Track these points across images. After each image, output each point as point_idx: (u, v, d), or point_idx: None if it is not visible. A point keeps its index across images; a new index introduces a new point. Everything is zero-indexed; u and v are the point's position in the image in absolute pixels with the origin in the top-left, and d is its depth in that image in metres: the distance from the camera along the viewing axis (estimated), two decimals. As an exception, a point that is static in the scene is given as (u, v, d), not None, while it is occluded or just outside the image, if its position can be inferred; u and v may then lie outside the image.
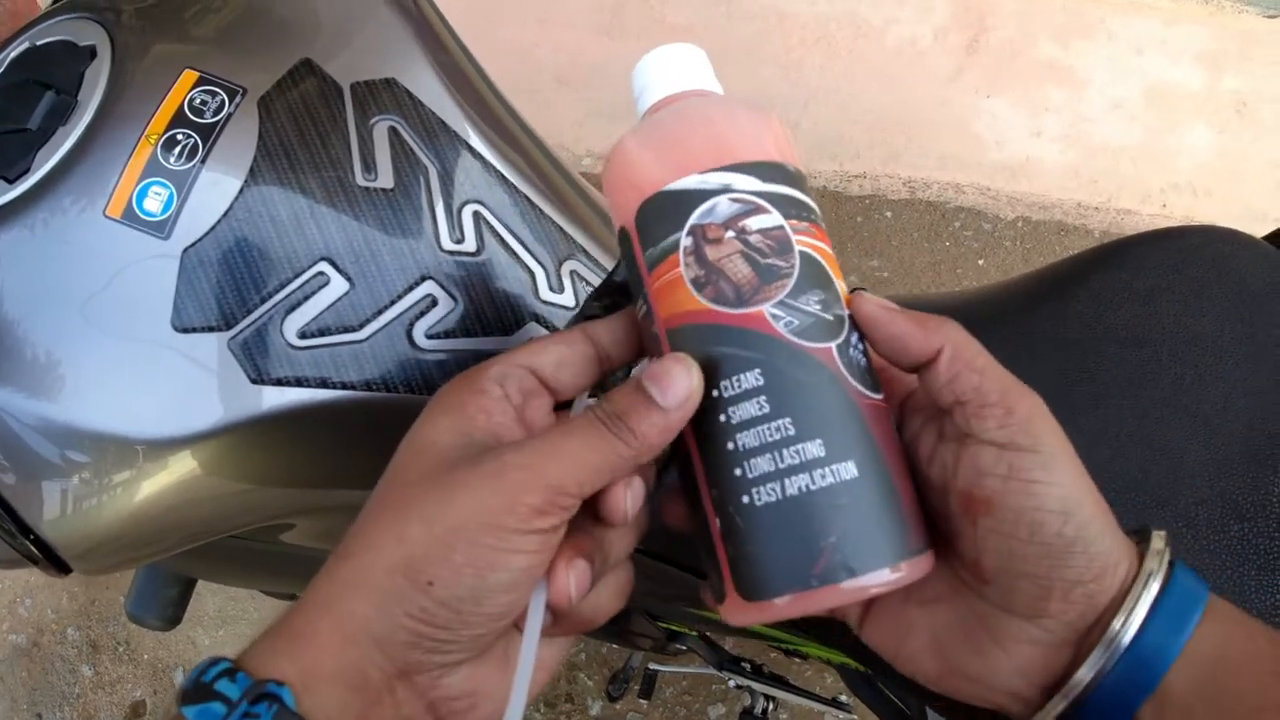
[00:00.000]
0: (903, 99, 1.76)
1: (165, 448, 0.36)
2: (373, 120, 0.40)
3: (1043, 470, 0.27)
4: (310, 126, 0.39)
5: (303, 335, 0.38)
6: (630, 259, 0.31)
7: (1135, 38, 1.76)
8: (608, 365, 0.32)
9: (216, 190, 0.37)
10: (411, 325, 0.39)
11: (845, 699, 1.11)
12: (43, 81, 0.38)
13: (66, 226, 0.36)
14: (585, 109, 1.75)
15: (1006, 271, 1.68)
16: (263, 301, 0.37)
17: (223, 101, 0.38)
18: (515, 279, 0.41)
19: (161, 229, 0.36)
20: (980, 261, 1.69)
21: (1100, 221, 1.74)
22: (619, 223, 0.32)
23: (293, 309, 0.38)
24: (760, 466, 0.28)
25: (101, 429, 0.36)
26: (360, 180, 0.39)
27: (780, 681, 1.06)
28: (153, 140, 0.37)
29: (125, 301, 0.36)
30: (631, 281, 0.31)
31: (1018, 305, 0.57)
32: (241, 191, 0.37)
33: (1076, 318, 0.54)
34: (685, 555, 0.53)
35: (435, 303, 0.40)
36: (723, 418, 0.28)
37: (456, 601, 0.26)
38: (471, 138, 0.42)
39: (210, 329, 0.37)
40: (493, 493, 0.26)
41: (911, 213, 1.72)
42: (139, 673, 1.38)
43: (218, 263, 0.37)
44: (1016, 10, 1.76)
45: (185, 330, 0.36)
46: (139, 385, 0.36)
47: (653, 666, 1.25)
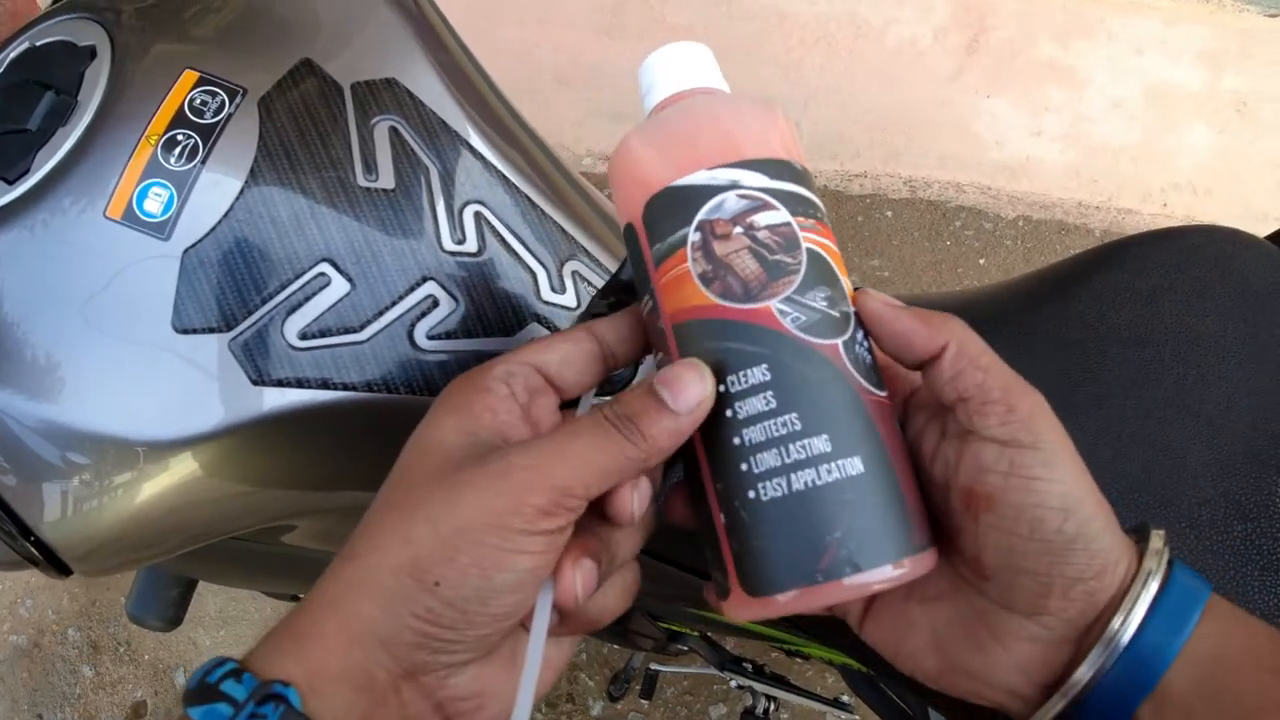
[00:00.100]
0: (903, 99, 1.76)
1: (166, 449, 0.36)
2: (373, 120, 0.40)
3: (1044, 467, 0.27)
4: (311, 127, 0.39)
5: (304, 336, 0.38)
6: (637, 255, 0.31)
7: (1135, 37, 1.76)
8: (613, 362, 0.32)
9: (217, 191, 0.37)
10: (413, 326, 0.39)
11: (847, 699, 1.11)
12: (42, 82, 0.38)
13: (66, 227, 0.36)
14: (585, 109, 1.75)
15: (1007, 271, 1.68)
16: (263, 302, 0.37)
17: (223, 102, 0.38)
18: (517, 279, 0.41)
19: (162, 230, 0.36)
20: (981, 261, 1.69)
21: (1101, 221, 1.74)
22: (625, 219, 0.32)
23: (293, 310, 0.38)
24: (766, 461, 0.27)
25: (102, 430, 0.36)
26: (361, 181, 0.39)
27: (782, 682, 1.06)
28: (153, 141, 0.37)
29: (125, 303, 0.36)
30: (637, 277, 0.31)
31: (1019, 305, 0.57)
32: (242, 192, 0.37)
33: (1078, 318, 0.54)
34: (686, 555, 0.53)
35: (436, 303, 0.39)
36: (729, 412, 0.28)
37: (463, 602, 0.26)
38: (472, 138, 0.41)
39: (211, 330, 0.37)
40: (498, 493, 0.26)
41: (912, 212, 1.72)
42: (140, 673, 1.38)
43: (218, 264, 0.37)
44: (1016, 10, 1.76)
45: (186, 331, 0.36)
46: (139, 386, 0.36)
47: (654, 667, 1.25)
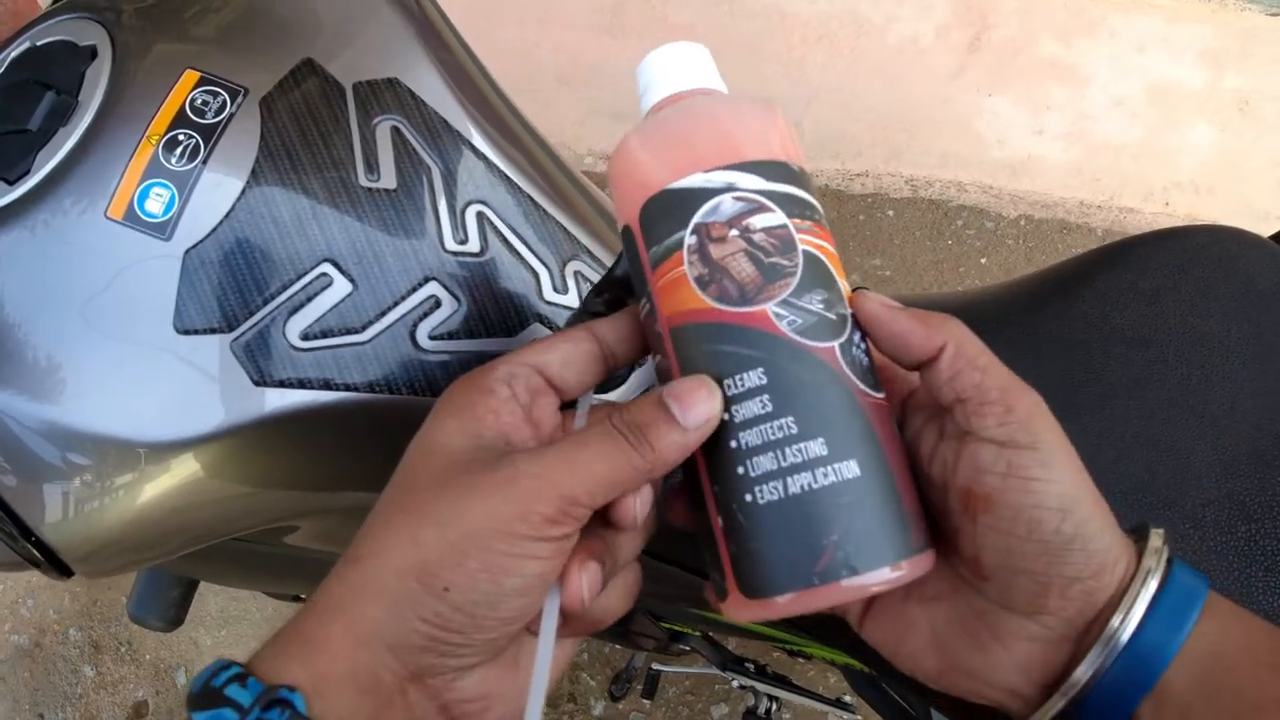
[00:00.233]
0: (904, 97, 1.76)
1: (167, 450, 0.36)
2: (375, 120, 0.40)
3: (1041, 468, 0.27)
4: (312, 127, 0.39)
5: (305, 337, 0.38)
6: (634, 257, 0.31)
7: (1137, 35, 1.76)
8: (612, 363, 0.32)
9: (218, 191, 0.37)
10: (415, 326, 0.39)
11: (849, 699, 1.11)
12: (43, 82, 0.38)
13: (67, 228, 0.36)
14: (586, 108, 1.75)
15: (1009, 270, 1.68)
16: (265, 303, 0.37)
17: (224, 102, 0.38)
18: (519, 279, 0.41)
19: (163, 230, 0.36)
20: (983, 260, 1.69)
21: (1103, 220, 1.74)
22: (623, 220, 0.31)
23: (295, 310, 0.37)
24: (763, 465, 0.28)
25: (103, 431, 0.36)
26: (363, 181, 0.39)
27: (783, 682, 1.06)
28: (154, 141, 0.37)
29: (127, 303, 0.36)
30: (635, 279, 0.31)
31: (1022, 305, 0.57)
32: (244, 192, 0.37)
33: (1082, 318, 0.53)
34: (688, 556, 0.53)
35: (439, 304, 0.39)
36: (726, 416, 0.28)
37: (472, 606, 0.26)
38: (474, 137, 0.41)
39: (212, 331, 0.36)
40: (506, 500, 0.26)
41: (914, 211, 1.72)
42: (141, 673, 1.38)
43: (220, 264, 0.37)
44: (1018, 8, 1.76)
45: (187, 332, 0.36)
46: (140, 387, 0.36)
47: (656, 666, 1.25)
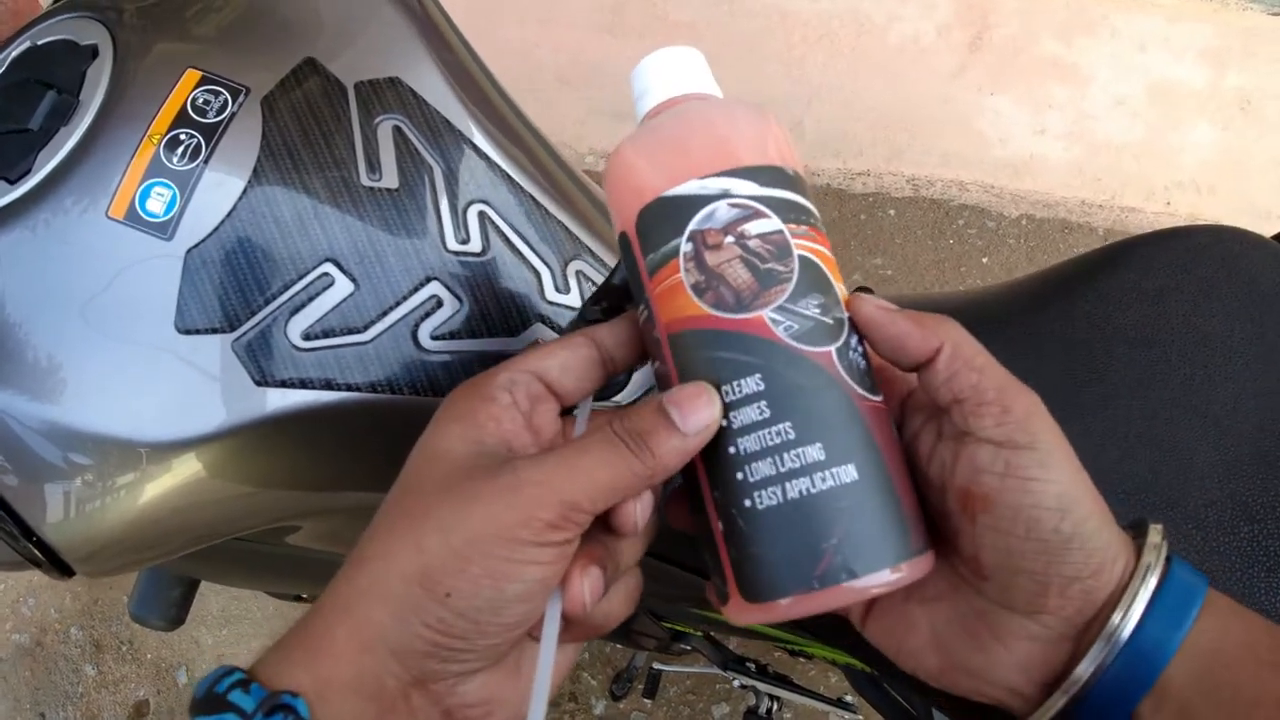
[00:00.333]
0: (906, 96, 1.75)
1: (169, 450, 0.36)
2: (377, 120, 0.40)
3: (1039, 467, 0.27)
4: (314, 126, 0.39)
5: (307, 337, 0.38)
6: (631, 264, 0.31)
7: (1138, 34, 1.76)
8: (612, 369, 0.32)
9: (220, 191, 0.37)
10: (417, 326, 0.39)
11: (850, 699, 1.11)
12: (44, 81, 0.37)
13: (68, 227, 0.36)
14: (587, 107, 1.74)
15: (1011, 269, 1.68)
16: (267, 303, 0.37)
17: (226, 101, 0.38)
18: (521, 279, 0.41)
19: (164, 230, 0.36)
20: (984, 259, 1.69)
21: (1104, 219, 1.74)
22: (619, 228, 0.32)
23: (297, 310, 0.37)
24: (761, 470, 0.28)
25: (104, 431, 0.36)
26: (365, 180, 0.39)
27: (785, 681, 1.06)
28: (155, 140, 0.37)
29: (128, 303, 0.36)
30: (633, 286, 0.31)
31: (1024, 305, 0.57)
32: (245, 192, 0.37)
33: (1084, 318, 0.53)
34: (690, 556, 0.53)
35: (440, 304, 0.39)
36: (724, 422, 0.28)
37: (474, 612, 0.27)
38: (476, 137, 0.41)
39: (214, 331, 0.36)
40: (508, 507, 0.27)
41: (915, 210, 1.72)
42: (142, 672, 1.38)
43: (221, 264, 0.37)
44: (1019, 7, 1.76)
45: (188, 332, 0.36)
46: (142, 387, 0.36)
47: (657, 666, 1.25)
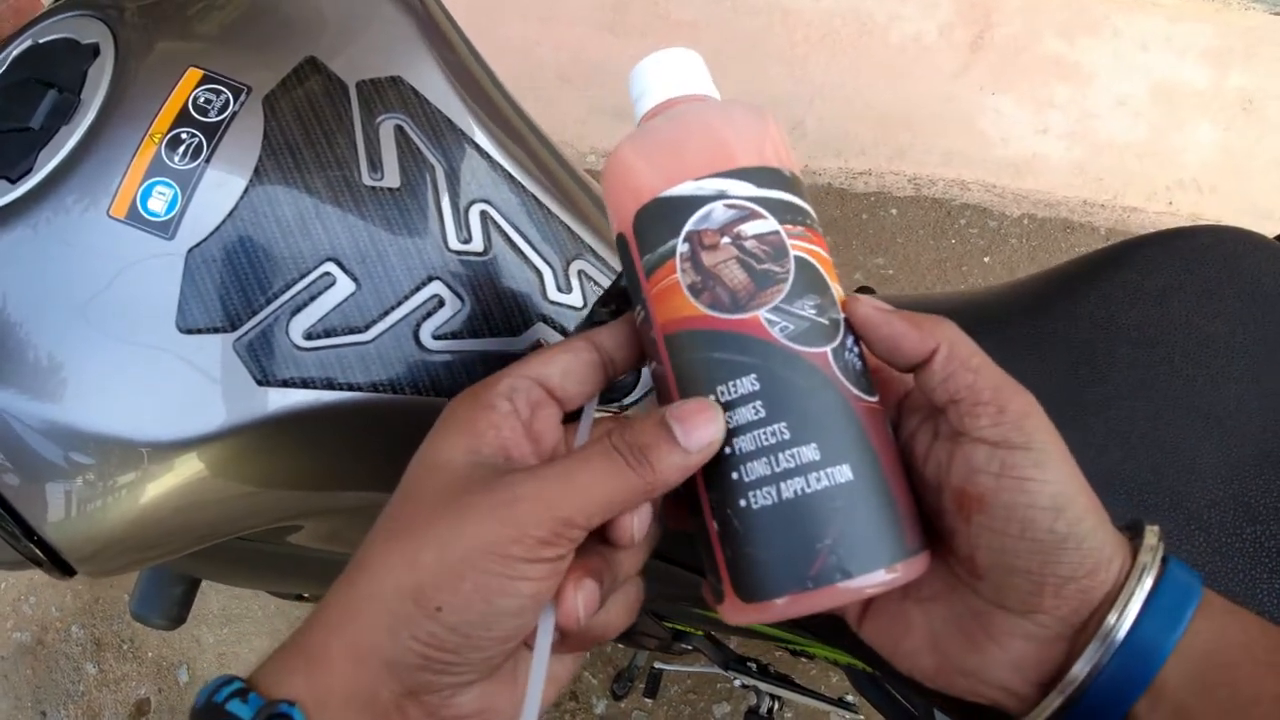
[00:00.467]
0: (907, 96, 1.75)
1: (170, 450, 0.36)
2: (379, 119, 0.40)
3: (1035, 467, 0.27)
4: (316, 125, 0.39)
5: (309, 336, 0.37)
6: (628, 265, 0.31)
7: (1140, 34, 1.76)
8: (612, 370, 0.32)
9: (221, 190, 0.37)
10: (418, 326, 0.39)
11: (851, 699, 1.11)
12: (45, 80, 0.37)
13: (70, 227, 0.36)
14: (589, 106, 1.74)
15: (1012, 269, 1.68)
16: (268, 302, 0.37)
17: (227, 100, 0.38)
18: (523, 279, 0.41)
19: (166, 229, 0.36)
20: (986, 259, 1.69)
21: (1106, 219, 1.74)
22: (617, 228, 0.32)
23: (298, 310, 0.37)
24: (756, 470, 0.28)
25: (105, 431, 0.35)
26: (366, 179, 0.39)
27: (786, 681, 1.06)
28: (157, 139, 0.37)
29: (129, 302, 0.36)
30: (630, 287, 0.31)
31: (1026, 306, 0.56)
32: (246, 191, 0.37)
33: (1087, 318, 0.53)
34: (690, 556, 0.53)
35: (442, 303, 0.39)
36: None
37: (466, 627, 0.26)
38: (478, 136, 0.41)
39: (215, 330, 0.36)
40: (501, 522, 0.26)
41: (917, 210, 1.72)
42: (143, 670, 1.38)
43: (223, 263, 0.36)
44: (1021, 6, 1.75)
45: (190, 331, 0.36)
46: (143, 387, 0.36)
47: (658, 665, 1.25)
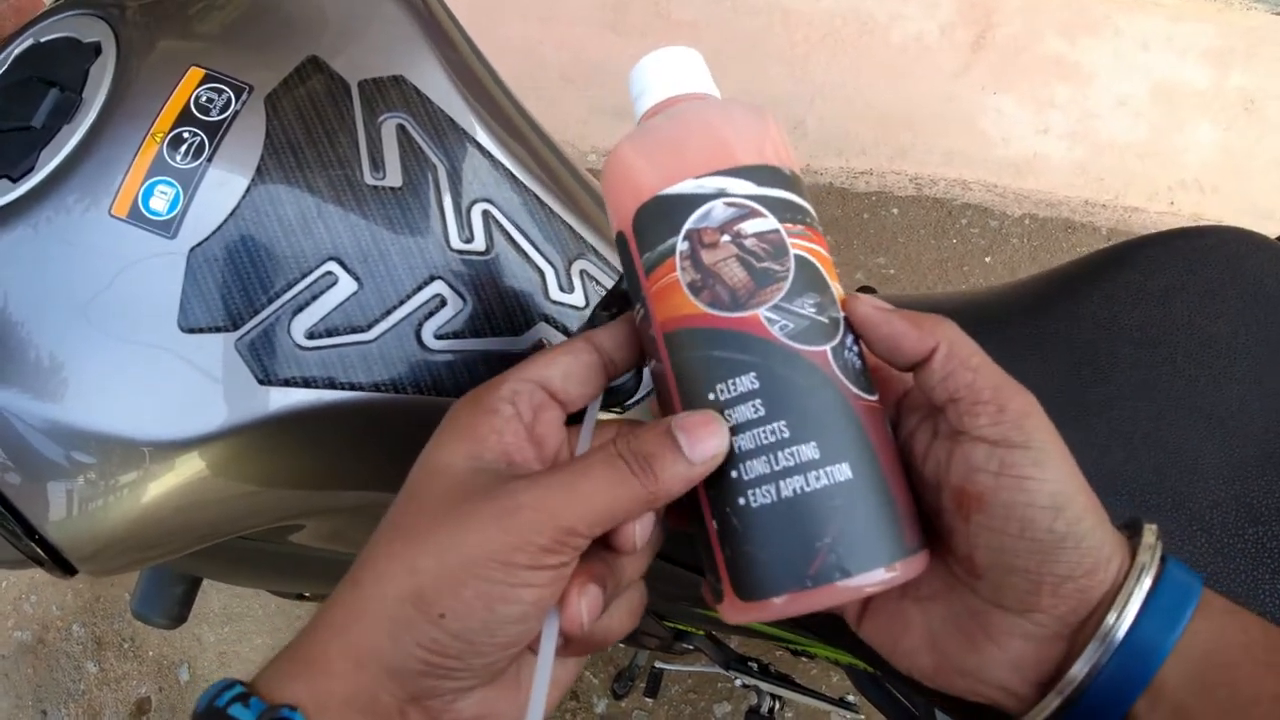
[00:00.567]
0: (909, 95, 1.75)
1: (171, 449, 0.36)
2: (381, 118, 0.40)
3: (1034, 466, 0.27)
4: (318, 124, 0.39)
5: (311, 336, 0.37)
6: (628, 263, 0.31)
7: (1141, 34, 1.76)
8: (613, 370, 0.32)
9: (223, 189, 0.37)
10: (420, 325, 0.39)
11: (852, 699, 1.11)
12: (47, 79, 0.37)
13: (71, 226, 0.36)
14: (590, 106, 1.74)
15: (1014, 269, 1.68)
16: (270, 302, 0.37)
17: (229, 99, 0.38)
18: (525, 279, 0.41)
19: (168, 228, 0.36)
20: (987, 259, 1.69)
21: (1107, 219, 1.73)
22: (617, 227, 0.32)
23: (300, 309, 0.37)
24: (756, 469, 0.28)
25: (107, 430, 0.35)
26: (368, 179, 0.39)
27: (786, 681, 1.06)
28: (158, 138, 0.37)
29: (131, 302, 0.36)
30: (630, 285, 0.31)
31: (1028, 306, 0.56)
32: (248, 190, 0.37)
33: (1089, 318, 0.53)
34: (690, 555, 0.53)
35: (444, 303, 0.39)
36: None
37: (469, 633, 0.26)
38: (480, 135, 0.41)
39: (217, 329, 0.36)
40: (503, 531, 0.26)
41: (918, 209, 1.72)
42: (144, 669, 1.38)
43: (224, 262, 0.36)
44: (1022, 6, 1.75)
45: (192, 331, 0.36)
46: (144, 386, 0.36)
47: (659, 665, 1.25)
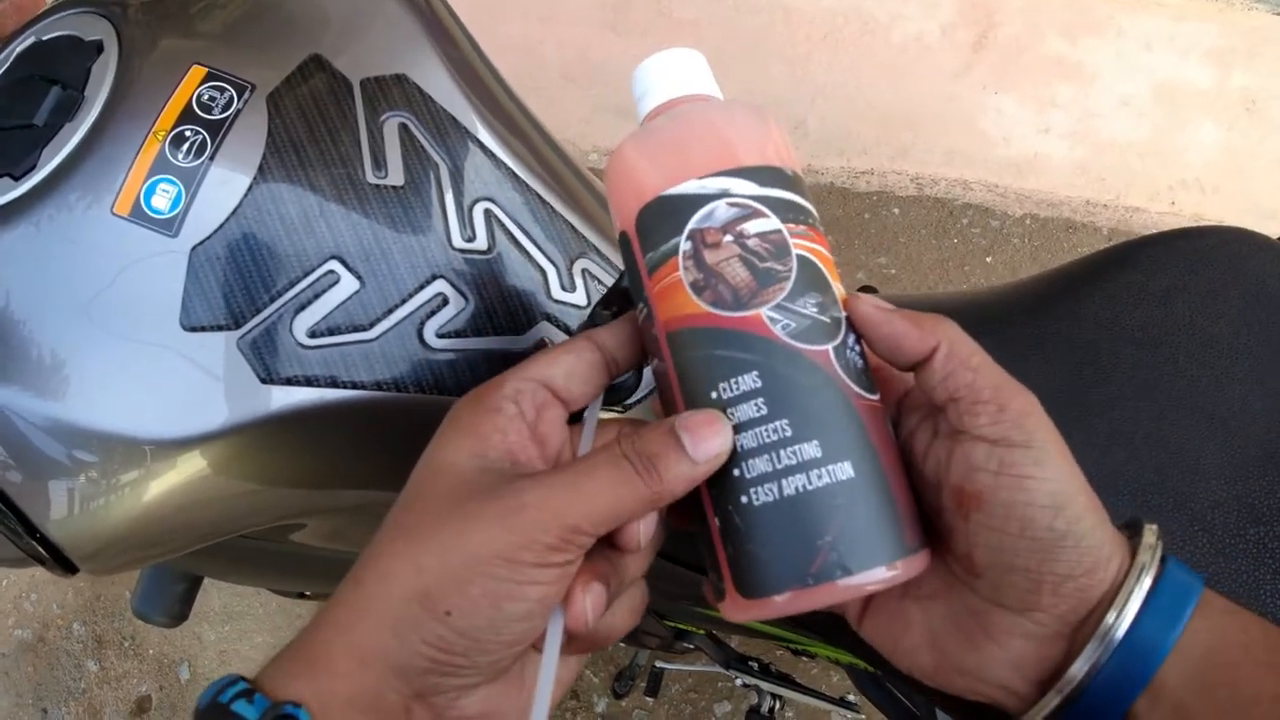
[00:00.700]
0: (910, 95, 1.75)
1: (173, 448, 0.36)
2: (383, 117, 0.40)
3: (1034, 465, 0.27)
4: (320, 123, 0.39)
5: (312, 334, 0.37)
6: (631, 263, 0.31)
7: (1144, 34, 1.75)
8: (614, 369, 0.33)
9: (225, 187, 0.37)
10: (422, 324, 0.39)
11: (853, 698, 1.11)
12: (49, 77, 0.37)
13: (73, 224, 0.36)
14: (591, 105, 1.74)
15: (1015, 269, 1.68)
16: (272, 300, 0.37)
17: (231, 98, 0.38)
18: (527, 277, 0.41)
19: (170, 227, 0.36)
20: (988, 259, 1.69)
21: (1108, 219, 1.73)
22: (620, 227, 0.32)
23: (302, 308, 0.37)
24: (758, 467, 0.28)
25: (109, 428, 0.35)
26: (370, 177, 0.39)
27: (787, 680, 1.06)
28: (160, 137, 0.37)
29: (132, 300, 0.36)
30: (632, 285, 0.32)
31: (1030, 306, 0.56)
32: (250, 189, 0.37)
33: (1091, 318, 0.53)
34: (692, 554, 0.53)
35: (446, 301, 0.39)
36: None
37: (475, 631, 0.27)
38: (482, 134, 0.41)
39: (219, 328, 0.36)
40: (508, 529, 0.27)
41: (919, 209, 1.72)
42: (144, 668, 1.38)
43: (226, 261, 0.36)
44: (1024, 6, 1.75)
45: (194, 329, 0.36)
46: (146, 385, 0.36)
47: (659, 664, 1.25)
